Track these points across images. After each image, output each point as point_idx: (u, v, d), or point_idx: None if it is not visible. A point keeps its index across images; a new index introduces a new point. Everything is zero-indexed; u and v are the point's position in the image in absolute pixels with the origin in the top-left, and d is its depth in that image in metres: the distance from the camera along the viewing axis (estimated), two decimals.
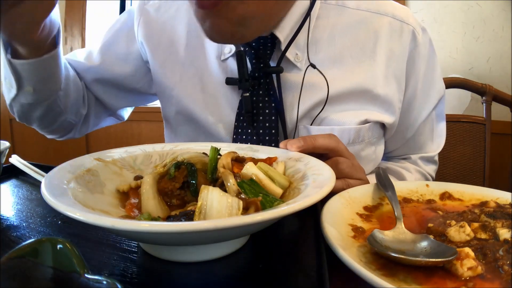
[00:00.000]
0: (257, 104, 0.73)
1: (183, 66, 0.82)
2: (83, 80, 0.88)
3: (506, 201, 0.51)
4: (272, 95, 0.72)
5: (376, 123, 0.77)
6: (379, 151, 0.82)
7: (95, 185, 0.47)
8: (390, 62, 0.75)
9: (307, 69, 0.72)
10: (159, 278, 0.37)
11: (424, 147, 0.89)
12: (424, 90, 0.80)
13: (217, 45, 0.79)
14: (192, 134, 0.84)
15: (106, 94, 0.91)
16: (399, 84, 0.76)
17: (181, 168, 0.48)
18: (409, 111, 0.81)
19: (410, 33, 0.75)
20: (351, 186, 0.59)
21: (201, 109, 0.80)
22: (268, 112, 0.72)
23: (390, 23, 0.75)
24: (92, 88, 0.89)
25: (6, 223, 0.49)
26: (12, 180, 0.69)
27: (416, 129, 0.84)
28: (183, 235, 0.33)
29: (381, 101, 0.75)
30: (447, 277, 0.35)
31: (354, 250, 0.40)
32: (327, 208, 0.47)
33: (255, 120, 0.73)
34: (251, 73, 0.73)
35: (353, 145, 0.75)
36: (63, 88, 0.76)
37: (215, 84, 0.79)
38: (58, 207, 0.34)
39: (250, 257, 0.42)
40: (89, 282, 0.27)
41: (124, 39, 0.87)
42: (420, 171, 0.89)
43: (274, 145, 0.71)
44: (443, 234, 0.42)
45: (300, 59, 0.73)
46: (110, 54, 0.87)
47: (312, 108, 0.74)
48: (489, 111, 1.32)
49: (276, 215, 0.33)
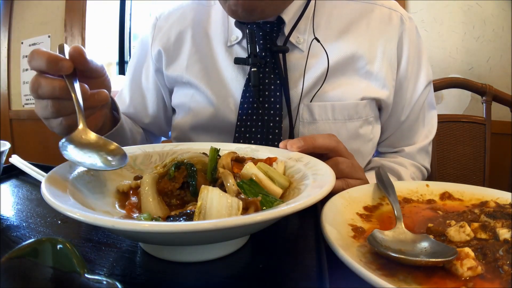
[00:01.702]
0: (263, 80, 0.78)
1: (189, 53, 0.88)
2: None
3: (506, 201, 0.51)
4: (277, 73, 0.78)
5: (372, 101, 0.82)
6: (376, 131, 0.87)
7: (95, 185, 0.47)
8: (381, 43, 0.82)
9: (311, 44, 0.79)
10: (159, 278, 0.37)
11: (416, 134, 0.92)
12: (414, 72, 0.86)
13: (224, 33, 0.86)
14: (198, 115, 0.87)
15: (149, 127, 1.01)
16: (390, 64, 0.83)
17: (181, 169, 0.48)
18: (402, 92, 0.86)
19: (398, 19, 0.84)
20: (351, 186, 0.59)
21: (208, 88, 0.85)
22: (274, 88, 0.78)
23: (380, 10, 0.84)
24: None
25: (6, 223, 0.49)
26: (12, 180, 0.69)
27: (409, 113, 0.88)
28: (183, 235, 0.33)
29: (374, 77, 0.81)
30: (447, 277, 0.35)
31: (354, 250, 0.40)
32: (327, 208, 0.47)
33: (261, 95, 0.78)
34: (259, 53, 0.79)
35: (351, 121, 0.80)
36: (132, 140, 0.88)
37: (222, 67, 0.85)
38: (58, 207, 0.34)
39: (250, 257, 0.42)
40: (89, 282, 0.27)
41: (143, 74, 0.97)
42: (415, 164, 0.92)
43: (279, 119, 0.77)
44: (443, 234, 0.42)
45: (301, 42, 0.81)
46: (136, 100, 0.98)
47: (313, 86, 0.80)
48: (489, 111, 1.32)
49: (276, 215, 0.33)
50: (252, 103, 0.78)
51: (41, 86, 0.54)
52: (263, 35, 0.79)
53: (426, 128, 0.93)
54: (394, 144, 0.93)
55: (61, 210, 0.33)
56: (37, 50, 0.53)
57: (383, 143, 0.94)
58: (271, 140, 0.77)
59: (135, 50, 1.00)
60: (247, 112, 0.79)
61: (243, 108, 0.80)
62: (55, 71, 0.53)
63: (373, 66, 0.81)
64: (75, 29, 2.37)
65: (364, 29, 0.82)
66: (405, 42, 0.83)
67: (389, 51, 0.82)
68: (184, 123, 0.89)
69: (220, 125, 0.84)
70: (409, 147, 0.92)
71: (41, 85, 0.54)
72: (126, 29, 2.56)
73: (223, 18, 0.87)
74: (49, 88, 0.53)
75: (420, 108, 0.90)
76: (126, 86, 1.00)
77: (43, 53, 0.52)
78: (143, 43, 0.97)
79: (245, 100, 0.80)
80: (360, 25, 0.83)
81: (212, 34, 0.88)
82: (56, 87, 0.53)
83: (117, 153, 0.51)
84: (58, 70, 0.53)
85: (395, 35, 0.83)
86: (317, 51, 0.79)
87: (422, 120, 0.92)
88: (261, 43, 0.79)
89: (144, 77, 0.97)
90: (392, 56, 0.82)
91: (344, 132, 0.80)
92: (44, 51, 0.53)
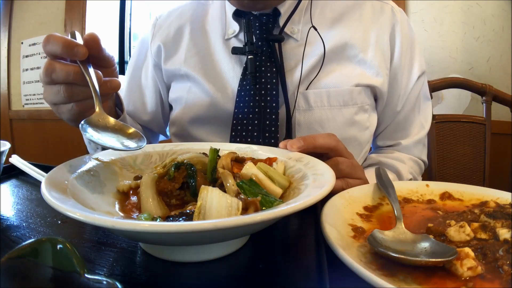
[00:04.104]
0: (259, 68, 0.81)
1: (188, 47, 0.90)
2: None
3: (506, 201, 0.51)
4: (273, 61, 0.81)
5: (367, 88, 0.84)
6: (373, 119, 0.89)
7: (95, 185, 0.47)
8: (374, 32, 0.84)
9: (308, 32, 0.81)
10: (159, 278, 0.37)
11: (412, 124, 0.93)
12: (407, 62, 0.88)
13: (221, 27, 0.89)
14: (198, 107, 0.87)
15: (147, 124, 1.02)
16: (383, 53, 0.84)
17: (181, 169, 0.48)
18: (396, 81, 0.87)
19: (390, 10, 0.87)
20: (351, 185, 0.59)
21: (205, 79, 0.87)
22: (270, 76, 0.80)
23: (372, 4, 0.87)
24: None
25: (6, 223, 0.49)
26: (12, 180, 0.69)
27: (405, 103, 0.89)
28: (183, 235, 0.33)
29: (368, 65, 0.83)
30: (447, 277, 0.35)
31: (354, 250, 0.40)
32: (327, 208, 0.47)
33: (257, 83, 0.80)
34: (256, 43, 0.81)
35: (347, 108, 0.82)
36: None
37: (219, 59, 0.87)
38: (58, 207, 0.34)
39: (250, 257, 0.42)
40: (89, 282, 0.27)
41: (143, 72, 0.99)
42: (413, 158, 0.93)
43: (275, 105, 0.78)
44: (443, 234, 0.42)
45: (296, 32, 0.84)
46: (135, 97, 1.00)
47: (308, 74, 0.82)
48: (489, 111, 1.32)
49: (276, 215, 0.33)
50: (249, 90, 0.80)
51: (56, 71, 0.53)
52: (259, 25, 0.83)
53: (421, 119, 0.94)
54: (391, 136, 0.94)
55: (61, 210, 0.33)
56: (53, 35, 0.53)
57: (380, 135, 0.95)
58: (268, 126, 0.78)
59: (135, 49, 1.02)
60: (244, 100, 0.80)
61: (240, 96, 0.81)
62: (70, 56, 0.53)
63: (366, 54, 0.83)
64: (75, 29, 2.37)
65: (357, 19, 0.85)
66: (397, 32, 0.86)
67: (381, 40, 0.84)
68: (182, 117, 0.90)
69: (218, 116, 0.85)
70: (405, 140, 0.92)
71: (55, 69, 0.53)
72: (126, 29, 2.56)
73: (221, 14, 0.90)
74: (63, 73, 0.53)
75: (415, 98, 0.91)
76: (125, 85, 1.01)
77: (59, 38, 0.52)
78: (143, 42, 0.98)
79: (242, 88, 0.81)
80: (353, 15, 0.85)
81: (210, 29, 0.90)
82: (71, 72, 0.53)
83: (135, 136, 0.52)
84: (73, 55, 0.53)
85: (387, 25, 0.85)
86: (311, 40, 0.82)
87: (418, 111, 0.93)
88: (258, 33, 0.82)
89: (144, 75, 0.98)
90: (385, 45, 0.84)
91: (340, 119, 0.82)
92: (60, 36, 0.53)
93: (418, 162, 0.94)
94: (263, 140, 0.78)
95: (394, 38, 0.85)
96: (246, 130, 0.79)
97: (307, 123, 0.81)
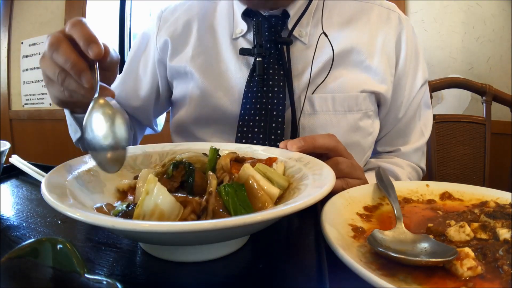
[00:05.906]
0: (267, 70, 0.80)
1: (195, 45, 0.89)
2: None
3: (506, 201, 0.51)
4: (281, 64, 0.80)
5: (372, 94, 0.84)
6: (376, 125, 0.88)
7: (95, 185, 0.47)
8: (380, 39, 0.84)
9: (319, 38, 0.81)
10: (159, 278, 0.37)
11: (412, 132, 0.93)
12: (411, 70, 0.88)
13: (229, 26, 0.88)
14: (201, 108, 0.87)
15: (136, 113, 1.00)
16: (389, 60, 0.84)
17: (179, 168, 0.48)
18: (400, 88, 0.88)
19: (396, 18, 0.87)
20: (351, 185, 0.59)
21: (211, 79, 0.86)
22: (277, 78, 0.80)
23: (379, 9, 0.87)
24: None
25: (6, 223, 0.49)
26: (12, 180, 0.69)
27: (407, 110, 0.89)
28: (183, 235, 0.33)
29: (374, 72, 0.83)
30: (447, 277, 0.35)
31: (354, 250, 0.40)
32: (327, 208, 0.47)
33: (265, 85, 0.79)
34: (264, 44, 0.81)
35: (351, 113, 0.82)
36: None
37: (226, 58, 0.86)
38: (58, 207, 0.34)
39: (250, 257, 0.42)
40: (89, 282, 0.27)
41: (141, 63, 0.96)
42: (411, 165, 0.93)
43: (282, 108, 0.78)
44: (443, 234, 0.42)
45: (304, 35, 0.83)
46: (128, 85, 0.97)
47: (315, 78, 0.81)
48: (489, 111, 1.32)
49: (276, 215, 0.33)
50: (256, 92, 0.79)
51: (58, 50, 0.52)
52: (268, 27, 0.82)
53: (422, 126, 0.94)
54: (391, 142, 0.94)
55: (61, 210, 0.33)
56: (83, 22, 0.53)
57: (380, 141, 0.95)
58: (274, 129, 0.78)
59: (136, 41, 1.00)
60: (250, 101, 0.80)
61: (247, 97, 0.80)
62: (83, 47, 0.52)
63: (372, 60, 0.83)
64: None
65: (363, 25, 0.85)
66: (403, 40, 0.86)
67: (387, 47, 0.84)
68: (186, 116, 0.89)
69: (222, 116, 0.85)
70: (405, 147, 0.92)
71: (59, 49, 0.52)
72: (126, 28, 2.56)
73: (229, 12, 0.89)
74: (63, 58, 0.52)
75: (417, 106, 0.91)
76: (121, 75, 0.99)
77: (85, 27, 0.52)
78: (145, 34, 0.97)
79: (249, 90, 0.80)
80: (360, 21, 0.85)
81: (217, 27, 0.89)
82: (69, 61, 0.52)
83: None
84: (86, 49, 0.51)
85: (393, 33, 0.85)
86: (319, 44, 0.81)
87: (418, 118, 0.93)
88: (266, 35, 0.81)
89: (142, 64, 0.96)
90: (391, 52, 0.84)
91: (344, 124, 0.81)
92: (87, 26, 0.52)
93: (416, 169, 0.94)
94: (269, 142, 0.77)
95: (400, 45, 0.86)
96: (252, 131, 0.79)
97: (311, 127, 0.81)
